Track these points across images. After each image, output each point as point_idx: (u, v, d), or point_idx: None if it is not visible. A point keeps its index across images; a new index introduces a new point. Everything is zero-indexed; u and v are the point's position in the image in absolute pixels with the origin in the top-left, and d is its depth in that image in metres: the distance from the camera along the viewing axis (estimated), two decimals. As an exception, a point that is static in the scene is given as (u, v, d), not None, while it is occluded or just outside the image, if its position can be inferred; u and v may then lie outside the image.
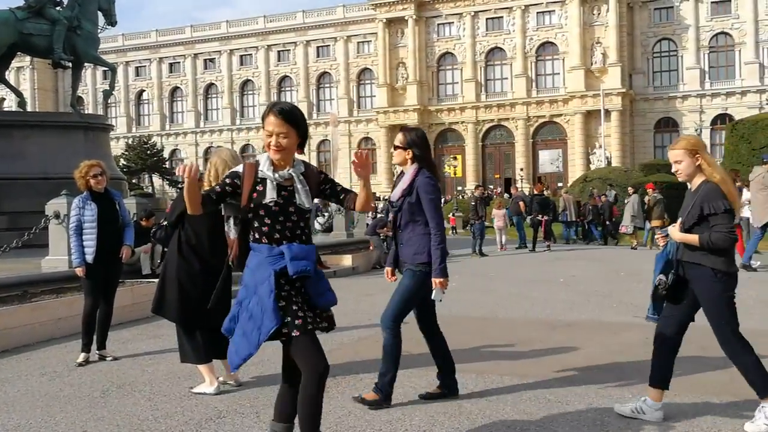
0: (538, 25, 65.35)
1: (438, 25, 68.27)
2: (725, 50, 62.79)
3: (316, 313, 3.42)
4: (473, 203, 19.48)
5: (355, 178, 8.29)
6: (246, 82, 77.22)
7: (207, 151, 75.28)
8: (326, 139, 70.48)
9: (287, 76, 75.39)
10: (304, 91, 73.95)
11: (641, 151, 63.03)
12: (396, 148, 4.81)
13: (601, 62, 62.22)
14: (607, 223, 23.90)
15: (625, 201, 22.51)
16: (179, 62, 79.36)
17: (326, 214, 22.70)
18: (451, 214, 32.12)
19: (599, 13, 62.57)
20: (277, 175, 3.37)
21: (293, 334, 3.27)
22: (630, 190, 21.89)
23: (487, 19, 66.82)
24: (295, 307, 3.30)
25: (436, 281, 4.65)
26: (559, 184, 57.64)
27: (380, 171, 66.47)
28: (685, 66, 63.13)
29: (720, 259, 4.15)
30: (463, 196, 48.22)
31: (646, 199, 19.82)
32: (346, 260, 16.71)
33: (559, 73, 64.91)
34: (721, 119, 62.55)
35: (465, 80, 67.15)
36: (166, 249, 5.79)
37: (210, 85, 78.65)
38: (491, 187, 60.70)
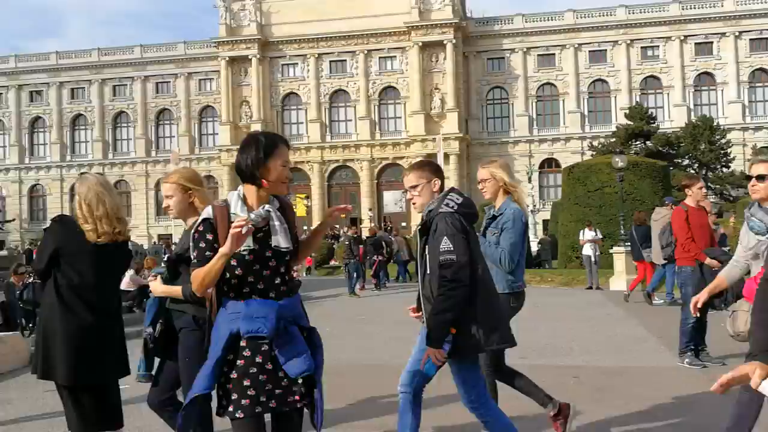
0: (380, 69, 67.28)
1: (282, 65, 68.43)
2: (551, 99, 67.76)
3: (288, 385, 2.94)
4: (348, 242, 19.51)
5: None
6: (78, 117, 73.01)
7: (31, 189, 70.06)
8: (166, 178, 67.88)
9: (123, 112, 72.16)
10: (142, 127, 71.08)
11: (479, 193, 65.51)
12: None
13: (439, 107, 64.93)
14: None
15: None
16: (2, 93, 73.68)
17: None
18: (305, 254, 31.80)
19: (437, 61, 65.45)
20: (253, 216, 2.90)
21: (237, 415, 2.88)
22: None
23: (330, 61, 67.89)
24: (247, 382, 2.87)
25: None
26: (403, 224, 59.06)
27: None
28: (515, 113, 67.32)
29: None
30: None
31: None
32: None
33: (401, 117, 67.01)
34: (548, 163, 67.26)
35: (310, 120, 67.58)
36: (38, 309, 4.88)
37: (36, 119, 73.58)
38: (337, 226, 61.00)
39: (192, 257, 3.00)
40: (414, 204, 4.11)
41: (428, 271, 3.87)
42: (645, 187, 24.29)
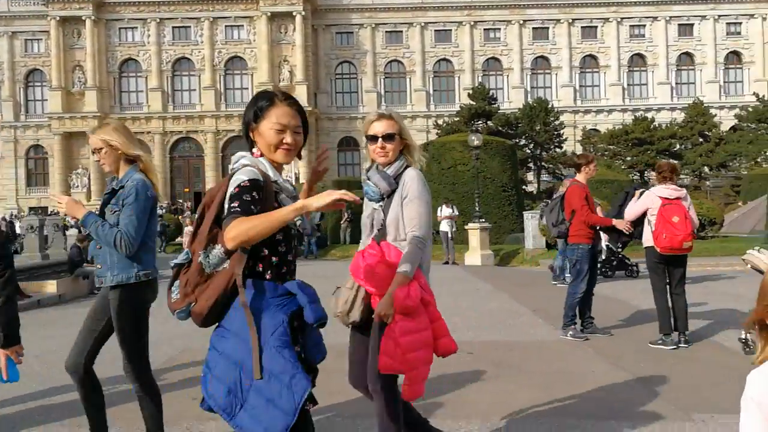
0: (227, 38, 65.07)
1: (120, 29, 64.30)
2: (398, 77, 68.77)
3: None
4: None
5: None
6: None
7: None
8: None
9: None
10: (-42, 89, 64.45)
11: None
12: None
13: (288, 80, 63.91)
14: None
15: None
16: None
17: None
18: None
19: (286, 32, 64.29)
20: (291, 186, 2.57)
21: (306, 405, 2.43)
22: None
23: (173, 27, 64.71)
24: None
25: None
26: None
27: (55, 182, 60.85)
28: (364, 89, 67.73)
29: None
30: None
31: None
32: (50, 287, 14.71)
33: (248, 88, 65.26)
34: (396, 140, 68.47)
35: (150, 89, 64.19)
36: None
37: None
38: (180, 201, 58.76)
39: (230, 207, 2.41)
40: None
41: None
42: (495, 165, 25.20)
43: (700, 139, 57.79)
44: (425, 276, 3.58)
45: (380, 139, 3.54)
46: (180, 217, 38.11)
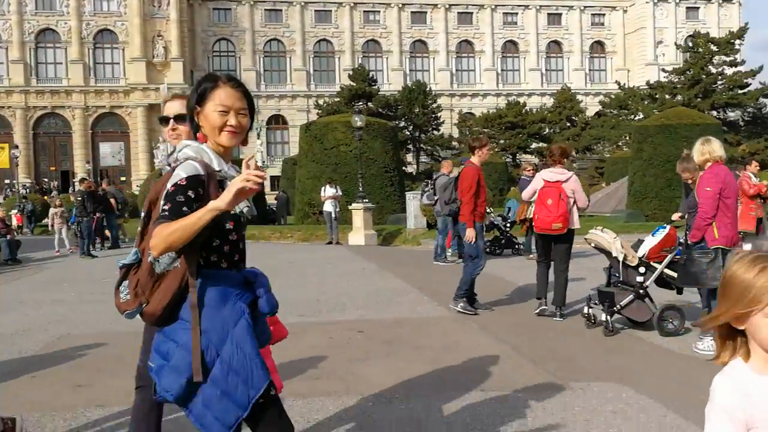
0: (95, 9, 61.90)
1: (-25, -5, 59.82)
2: (278, 56, 67.88)
3: None
4: (80, 198, 17.45)
5: None
6: None
7: None
8: None
9: None
10: None
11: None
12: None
13: (163, 56, 61.72)
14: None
15: None
16: None
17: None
18: (15, 211, 28.43)
19: (160, 6, 61.93)
20: (234, 173, 2.46)
21: (271, 392, 2.43)
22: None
23: (35, -4, 60.88)
24: None
25: None
26: (122, 178, 55.64)
27: None
28: (243, 67, 66.38)
29: None
30: (11, 190, 43.22)
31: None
32: None
33: (119, 63, 62.54)
34: (275, 120, 67.65)
35: (11, 61, 60.25)
36: None
37: None
38: (45, 180, 55.64)
39: (162, 210, 2.35)
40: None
41: None
42: (377, 146, 25.46)
43: (568, 124, 60.82)
44: None
45: (172, 121, 3.34)
46: (47, 197, 36.06)
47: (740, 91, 53.63)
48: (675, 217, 7.98)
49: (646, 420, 4.43)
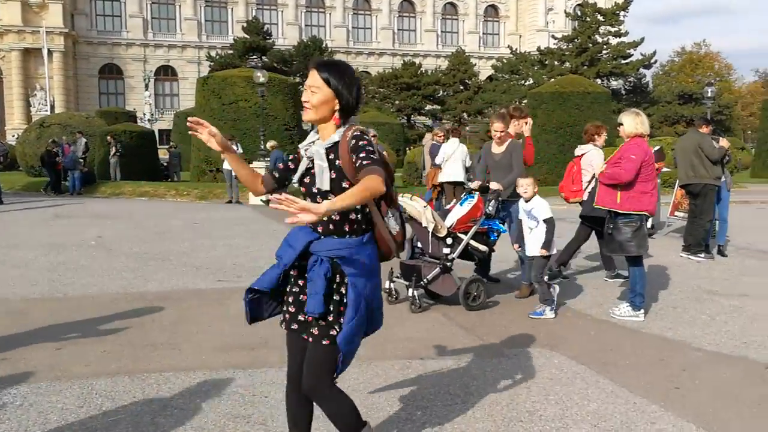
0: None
1: None
2: (166, 3, 64.90)
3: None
4: None
5: None
6: None
7: None
8: None
9: None
10: None
11: (86, 98, 61.10)
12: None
13: (40, -4, 57.69)
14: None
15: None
16: None
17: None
18: None
19: (36, -59, 57.61)
20: (305, 150, 2.89)
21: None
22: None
23: None
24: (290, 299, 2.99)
25: None
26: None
27: None
28: (128, 13, 63.09)
29: None
30: None
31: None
32: None
33: (-10, 2, 57.80)
34: (164, 71, 64.93)
35: None
36: None
37: None
38: None
39: (370, 157, 2.65)
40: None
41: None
42: (278, 103, 24.98)
43: (461, 87, 61.80)
44: None
45: None
46: None
47: (623, 61, 56.18)
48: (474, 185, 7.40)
49: (584, 386, 4.60)
